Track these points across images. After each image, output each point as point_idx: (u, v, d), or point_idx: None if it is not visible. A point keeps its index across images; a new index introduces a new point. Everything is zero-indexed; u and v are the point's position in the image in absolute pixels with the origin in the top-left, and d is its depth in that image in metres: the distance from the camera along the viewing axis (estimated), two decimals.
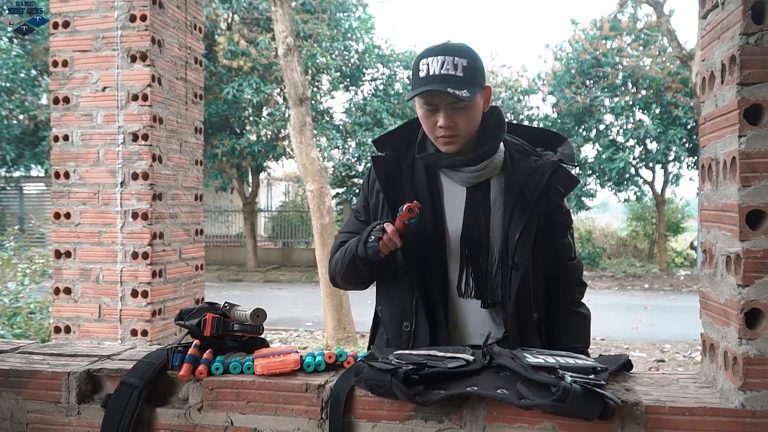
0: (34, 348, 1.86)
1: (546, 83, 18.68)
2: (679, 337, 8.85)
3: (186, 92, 3.10)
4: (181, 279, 3.04)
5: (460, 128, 1.85)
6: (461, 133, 1.86)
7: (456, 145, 1.88)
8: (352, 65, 18.28)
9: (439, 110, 1.84)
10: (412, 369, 1.40)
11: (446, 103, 1.82)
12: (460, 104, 1.82)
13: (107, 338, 2.82)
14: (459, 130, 1.85)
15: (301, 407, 1.49)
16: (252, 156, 16.96)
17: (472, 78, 1.82)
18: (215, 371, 1.56)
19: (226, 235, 22.40)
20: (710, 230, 1.47)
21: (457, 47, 1.85)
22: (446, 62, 1.81)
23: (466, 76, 1.81)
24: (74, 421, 1.61)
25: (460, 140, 1.88)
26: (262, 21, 16.64)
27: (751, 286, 1.28)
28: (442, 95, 1.80)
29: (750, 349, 1.28)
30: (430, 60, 1.83)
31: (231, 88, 15.55)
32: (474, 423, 1.40)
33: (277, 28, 8.30)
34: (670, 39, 14.20)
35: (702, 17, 1.53)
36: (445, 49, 1.84)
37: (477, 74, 1.84)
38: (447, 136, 1.86)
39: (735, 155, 1.31)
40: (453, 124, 1.84)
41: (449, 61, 1.81)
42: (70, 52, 2.84)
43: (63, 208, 2.86)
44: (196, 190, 3.22)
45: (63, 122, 2.86)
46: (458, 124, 1.84)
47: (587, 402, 1.26)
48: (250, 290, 14.78)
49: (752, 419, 1.28)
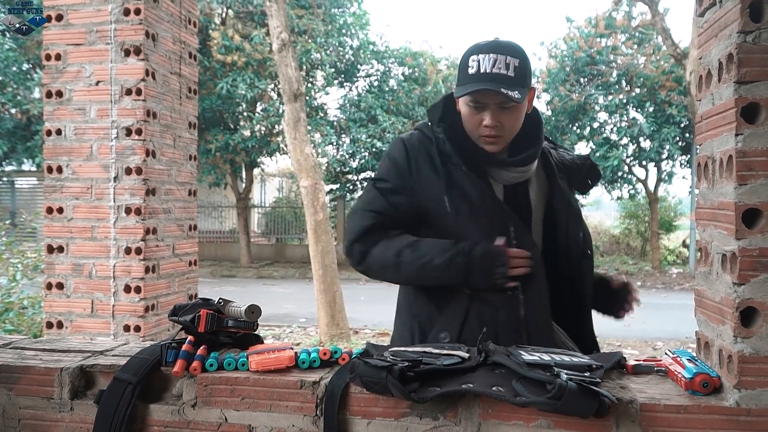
0: (27, 343, 1.85)
1: (540, 80, 18.68)
2: (670, 335, 8.89)
3: (180, 87, 3.09)
4: (175, 274, 3.03)
5: (505, 128, 1.83)
6: (506, 133, 1.84)
7: (499, 145, 1.86)
8: (347, 61, 18.26)
9: (486, 109, 1.80)
10: (408, 366, 1.40)
11: (495, 102, 1.79)
12: (508, 104, 1.78)
13: (100, 334, 2.80)
14: (504, 131, 1.83)
15: (296, 404, 1.48)
16: (246, 152, 16.92)
17: (522, 79, 1.79)
18: (209, 367, 1.55)
19: (219, 230, 22.35)
20: (706, 228, 1.47)
21: (509, 46, 1.81)
22: (498, 61, 1.77)
23: (517, 77, 1.77)
24: (67, 417, 1.60)
25: (504, 141, 1.86)
26: (257, 16, 16.59)
27: (747, 284, 1.28)
28: (492, 95, 1.77)
29: (745, 347, 1.28)
30: (481, 57, 1.78)
31: (225, 83, 15.50)
32: (469, 420, 1.40)
33: (272, 23, 8.27)
34: (664, 37, 14.23)
35: (699, 15, 1.52)
36: (497, 46, 1.79)
37: (527, 75, 1.82)
38: (492, 135, 1.83)
39: (732, 153, 1.31)
40: (499, 124, 1.81)
41: (501, 60, 1.77)
42: (63, 45, 2.82)
43: (56, 202, 2.85)
44: (189, 186, 3.20)
45: (56, 116, 2.84)
46: (504, 124, 1.82)
47: (583, 399, 1.26)
48: (244, 286, 14.76)
49: (747, 417, 1.28)
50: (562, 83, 17.71)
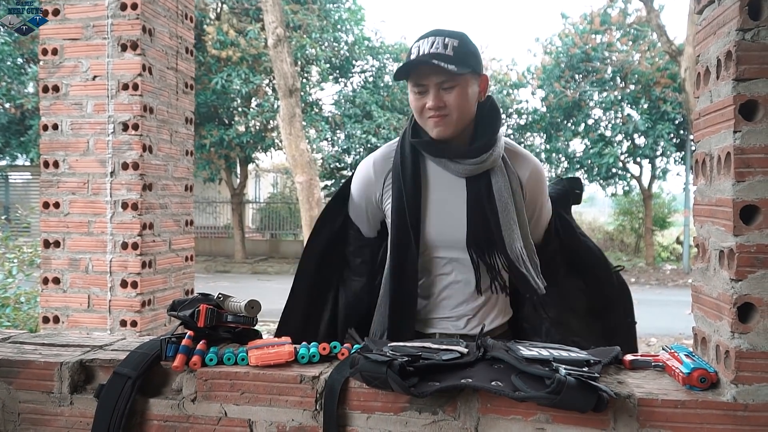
0: (26, 338, 1.85)
1: (535, 77, 18.71)
2: (664, 331, 8.92)
3: (177, 82, 3.08)
4: (171, 270, 3.03)
5: (450, 108, 1.80)
6: (451, 113, 1.81)
7: (447, 127, 1.83)
8: (342, 57, 18.24)
9: (429, 91, 1.80)
10: (407, 361, 1.41)
11: (435, 83, 1.78)
12: (449, 83, 1.78)
13: (96, 329, 2.80)
14: (449, 110, 1.80)
15: (296, 398, 1.49)
16: (240, 147, 16.91)
17: (463, 58, 1.77)
18: (209, 362, 1.55)
19: (213, 226, 22.34)
20: (703, 225, 1.47)
21: (450, 30, 1.82)
22: (436, 42, 1.78)
23: (456, 55, 1.76)
24: (67, 411, 1.60)
25: (451, 122, 1.82)
26: (252, 11, 16.55)
27: (744, 280, 1.29)
28: (429, 74, 1.77)
29: (742, 342, 1.29)
30: (420, 42, 1.81)
31: (220, 78, 15.48)
32: (468, 415, 1.40)
33: (267, 18, 8.26)
34: (659, 34, 14.24)
35: (697, 12, 1.53)
36: (436, 31, 1.82)
37: (469, 56, 1.80)
38: (437, 116, 1.81)
39: (730, 150, 1.31)
40: (442, 104, 1.80)
41: (439, 40, 1.78)
42: (59, 40, 2.81)
43: (52, 197, 2.84)
44: (186, 181, 3.20)
45: (52, 111, 2.83)
46: (448, 103, 1.80)
47: (581, 394, 1.27)
48: (238, 281, 14.75)
49: (744, 412, 1.29)
50: (557, 80, 17.73)
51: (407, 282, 1.91)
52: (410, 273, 1.90)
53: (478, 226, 1.87)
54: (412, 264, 1.90)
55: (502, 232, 1.85)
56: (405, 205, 1.89)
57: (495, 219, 1.86)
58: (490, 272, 1.91)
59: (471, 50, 1.82)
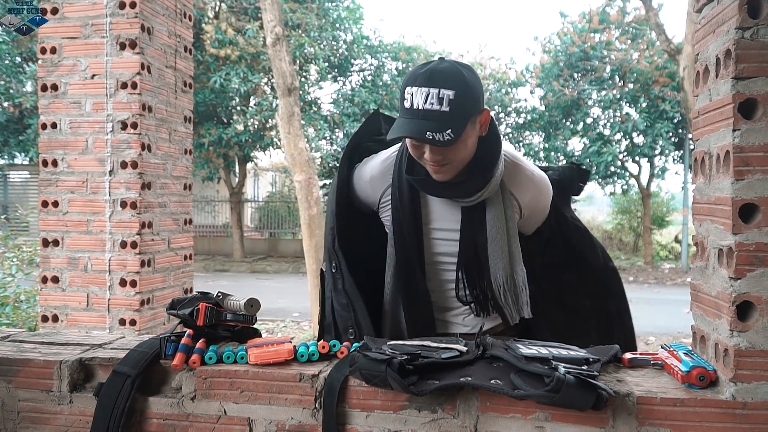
0: (25, 336, 1.85)
1: (534, 76, 18.69)
2: (663, 330, 8.93)
3: (175, 81, 3.08)
4: (170, 269, 3.03)
5: (450, 159, 1.74)
6: (452, 162, 1.75)
7: (448, 174, 1.79)
8: (341, 56, 18.21)
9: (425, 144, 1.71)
10: (407, 359, 1.41)
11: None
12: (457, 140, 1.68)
13: (95, 327, 2.80)
14: (449, 160, 1.74)
15: (295, 397, 1.49)
16: (239, 146, 16.89)
17: (460, 112, 1.65)
18: (208, 360, 1.55)
19: (212, 225, 22.32)
20: (702, 223, 1.48)
21: (445, 74, 1.67)
22: (431, 96, 1.64)
23: (453, 111, 1.64)
24: (66, 409, 1.60)
25: (452, 169, 1.78)
26: (250, 10, 16.53)
27: (743, 278, 1.29)
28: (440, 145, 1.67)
29: (741, 341, 1.29)
30: (414, 90, 1.66)
31: (218, 77, 15.46)
32: (467, 413, 1.41)
33: (266, 17, 8.25)
34: (658, 33, 14.22)
35: (696, 11, 1.53)
36: (430, 78, 1.66)
37: (467, 105, 1.67)
38: (437, 167, 1.77)
39: (729, 149, 1.32)
40: (442, 158, 1.73)
41: (434, 94, 1.64)
42: (58, 39, 2.81)
43: (51, 196, 2.84)
44: (185, 180, 3.20)
45: (51, 110, 2.83)
46: (447, 156, 1.73)
47: (580, 392, 1.27)
48: (237, 280, 14.75)
49: (743, 410, 1.30)
50: (556, 78, 17.72)
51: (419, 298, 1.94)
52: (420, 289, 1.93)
53: (469, 252, 1.89)
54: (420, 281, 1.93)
55: (489, 261, 1.87)
56: (404, 232, 1.92)
57: (483, 247, 1.87)
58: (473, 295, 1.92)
59: (469, 96, 1.68)
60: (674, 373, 1.42)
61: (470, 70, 1.73)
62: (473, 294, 1.91)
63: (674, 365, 1.43)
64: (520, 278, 1.91)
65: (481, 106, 1.75)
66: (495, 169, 1.82)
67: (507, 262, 1.87)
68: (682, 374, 1.38)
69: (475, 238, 1.87)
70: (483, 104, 1.76)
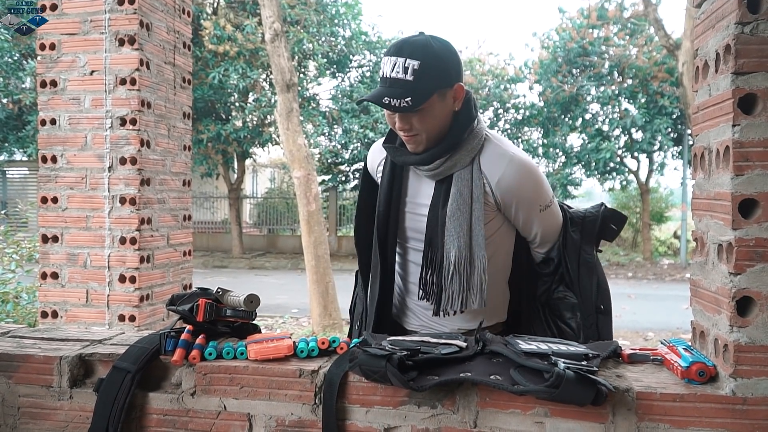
0: (25, 332, 1.85)
1: (533, 72, 18.68)
2: (662, 325, 8.94)
3: (174, 77, 3.08)
4: (169, 265, 3.03)
5: (419, 129, 1.78)
6: (422, 133, 1.79)
7: (420, 145, 1.83)
8: (339, 51, 18.21)
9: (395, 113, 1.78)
10: (406, 355, 1.41)
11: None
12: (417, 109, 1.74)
13: (94, 323, 2.80)
14: (419, 131, 1.79)
15: (295, 392, 1.49)
16: (238, 142, 16.88)
17: (423, 82, 1.71)
18: (208, 356, 1.55)
19: (211, 221, 22.31)
20: (702, 219, 1.48)
21: (414, 46, 1.73)
22: (397, 65, 1.72)
23: (416, 80, 1.70)
24: (66, 405, 1.60)
25: (423, 140, 1.81)
26: (249, 5, 16.51)
27: (743, 274, 1.29)
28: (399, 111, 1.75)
29: (741, 336, 1.30)
30: (386, 60, 1.76)
31: (217, 73, 15.44)
32: (467, 408, 1.41)
33: (264, 13, 8.24)
34: (656, 28, 14.24)
35: (696, 6, 1.53)
36: (400, 48, 1.74)
37: (432, 75, 1.73)
38: (407, 136, 1.82)
39: (728, 144, 1.32)
40: (409, 127, 1.78)
41: (400, 63, 1.71)
42: (57, 35, 2.81)
43: (50, 192, 2.84)
44: (184, 176, 3.20)
45: (50, 106, 2.83)
46: (415, 126, 1.78)
47: (580, 388, 1.28)
48: (236, 276, 14.75)
49: (743, 406, 1.30)
50: (554, 74, 17.72)
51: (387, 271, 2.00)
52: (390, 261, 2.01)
53: (433, 228, 1.88)
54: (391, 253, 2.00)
55: (444, 237, 1.84)
56: (382, 202, 1.98)
57: (443, 223, 1.85)
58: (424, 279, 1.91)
59: (435, 66, 1.74)
60: (674, 369, 1.42)
61: (444, 45, 1.79)
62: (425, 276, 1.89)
63: (674, 361, 1.43)
64: (478, 265, 1.81)
65: (453, 81, 1.79)
66: (460, 142, 1.84)
67: (465, 242, 1.81)
68: (681, 370, 1.38)
69: (437, 214, 1.87)
70: (456, 79, 1.81)
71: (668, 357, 1.48)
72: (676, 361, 1.42)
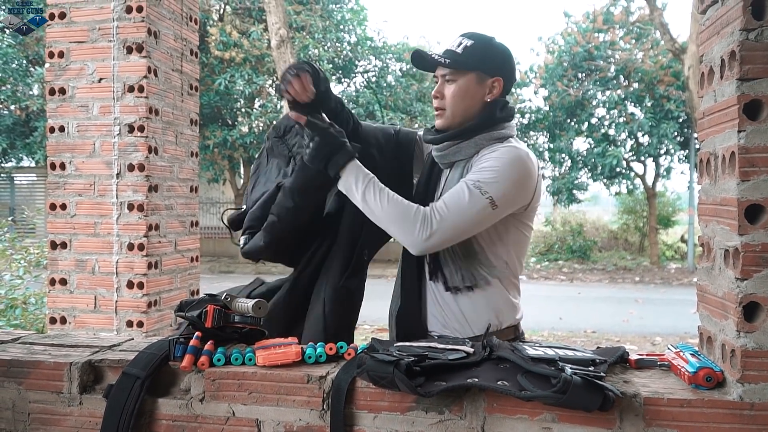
0: (35, 338, 1.87)
1: (538, 76, 18.68)
2: (669, 330, 8.91)
3: (182, 84, 3.10)
4: (177, 270, 3.04)
5: (447, 102, 1.92)
6: (447, 107, 1.92)
7: (443, 120, 1.94)
8: (345, 57, 18.24)
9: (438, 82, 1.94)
10: (414, 360, 1.42)
11: (441, 74, 1.92)
12: (450, 77, 1.89)
13: (103, 329, 2.82)
14: (446, 104, 1.91)
15: (303, 398, 1.50)
16: (244, 147, 16.92)
17: (468, 57, 1.88)
18: (217, 362, 1.56)
19: (217, 226, 22.32)
20: (708, 224, 1.48)
21: (477, 33, 1.94)
22: (456, 42, 1.92)
23: (464, 54, 1.88)
24: (76, 411, 1.61)
25: (447, 115, 1.93)
26: (254, 12, 16.58)
27: (750, 279, 1.29)
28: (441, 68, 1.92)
29: (748, 341, 1.30)
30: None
31: (223, 79, 15.51)
32: (474, 414, 1.41)
33: (270, 19, 8.28)
34: (662, 32, 14.23)
35: (701, 12, 1.54)
36: (466, 33, 1.95)
37: (477, 56, 1.88)
38: (436, 107, 1.95)
39: (734, 150, 1.32)
40: (440, 95, 1.93)
41: (459, 40, 1.92)
42: (66, 43, 2.83)
43: (59, 199, 2.86)
44: (191, 182, 3.21)
45: (59, 113, 2.85)
46: (445, 96, 1.91)
47: (588, 393, 1.28)
48: (242, 282, 14.70)
49: (750, 411, 1.30)
50: (560, 78, 17.71)
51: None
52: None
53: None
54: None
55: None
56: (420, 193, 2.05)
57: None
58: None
59: (484, 53, 1.90)
60: (681, 374, 1.43)
61: (504, 46, 1.96)
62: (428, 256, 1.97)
63: (681, 366, 1.44)
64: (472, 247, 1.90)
65: (496, 72, 1.92)
66: (474, 135, 1.91)
67: None
68: (689, 375, 1.38)
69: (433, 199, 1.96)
70: (500, 73, 1.92)
71: (675, 362, 1.48)
72: (683, 367, 1.42)
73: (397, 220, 1.79)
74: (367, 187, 1.81)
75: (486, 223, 1.82)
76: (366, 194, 1.80)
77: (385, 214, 1.79)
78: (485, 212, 1.77)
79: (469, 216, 1.77)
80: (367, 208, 1.81)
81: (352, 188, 1.82)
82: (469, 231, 1.81)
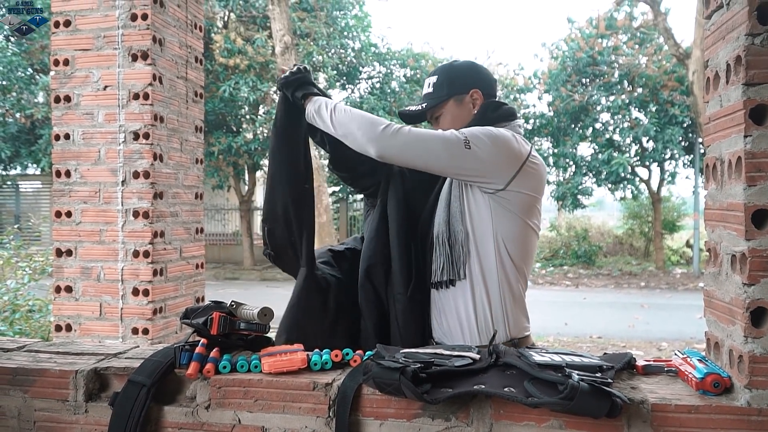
0: (41, 346, 1.87)
1: (542, 81, 18.67)
2: (675, 335, 8.88)
3: (186, 91, 3.10)
4: (182, 277, 3.04)
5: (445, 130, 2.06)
6: None
7: None
8: (349, 63, 18.28)
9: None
10: (420, 367, 1.41)
11: (429, 117, 2.16)
12: (435, 115, 2.12)
13: (108, 337, 2.82)
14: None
15: (309, 405, 1.50)
16: (248, 154, 16.94)
17: (439, 90, 2.09)
18: (222, 369, 1.56)
19: (222, 233, 22.37)
20: (715, 229, 1.48)
21: (438, 67, 2.16)
22: (425, 84, 2.15)
23: (435, 91, 2.10)
24: (82, 419, 1.61)
25: None
26: (259, 19, 16.62)
27: (757, 284, 1.29)
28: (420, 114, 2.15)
29: (756, 347, 1.29)
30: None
31: (227, 86, 15.53)
32: (481, 421, 1.41)
33: (275, 26, 8.31)
34: (666, 37, 14.23)
35: (706, 17, 1.54)
36: (430, 72, 2.17)
37: (445, 84, 2.09)
38: None
39: (740, 155, 1.32)
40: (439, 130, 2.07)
41: (426, 82, 2.15)
42: (71, 50, 2.84)
43: (64, 206, 2.86)
44: (196, 189, 3.22)
45: (64, 121, 2.86)
46: (443, 128, 2.07)
47: (595, 400, 1.27)
48: (247, 288, 14.77)
49: (758, 417, 1.29)
50: (564, 84, 17.70)
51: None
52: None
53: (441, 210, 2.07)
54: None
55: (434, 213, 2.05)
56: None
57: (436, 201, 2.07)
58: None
59: (449, 78, 2.10)
60: (688, 380, 1.42)
61: (466, 62, 2.18)
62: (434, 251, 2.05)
63: (688, 372, 1.43)
64: (458, 237, 1.96)
65: (469, 87, 2.09)
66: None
67: (444, 218, 1.99)
68: (696, 381, 1.38)
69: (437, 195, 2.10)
70: (473, 86, 2.09)
71: (683, 368, 1.47)
72: (690, 373, 1.42)
73: (364, 122, 1.88)
74: (335, 105, 1.95)
75: (457, 158, 1.84)
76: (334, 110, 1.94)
77: (351, 116, 1.90)
78: (457, 145, 1.84)
79: (439, 138, 1.85)
80: (334, 118, 1.93)
81: (321, 108, 1.96)
82: (437, 152, 1.84)
